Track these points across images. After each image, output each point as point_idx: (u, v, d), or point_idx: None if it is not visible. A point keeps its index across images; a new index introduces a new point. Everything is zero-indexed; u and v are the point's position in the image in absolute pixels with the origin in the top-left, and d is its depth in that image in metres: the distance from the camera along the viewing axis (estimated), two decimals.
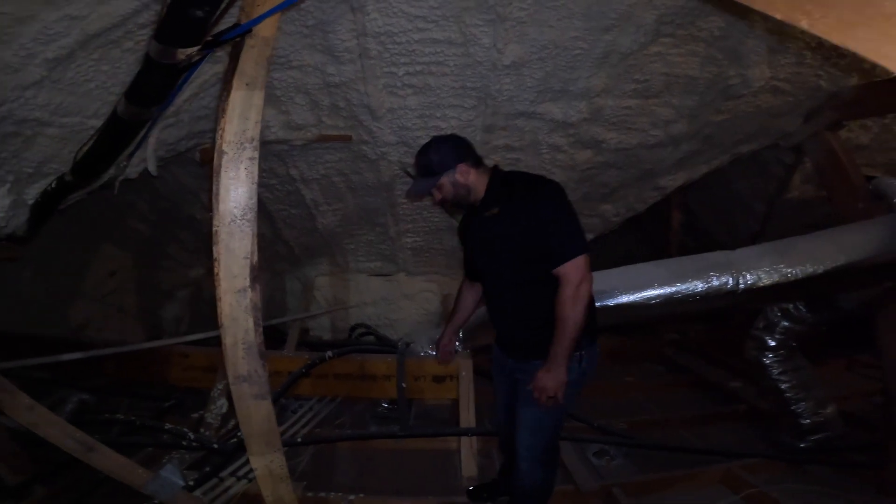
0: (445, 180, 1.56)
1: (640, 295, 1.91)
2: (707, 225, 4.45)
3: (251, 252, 1.13)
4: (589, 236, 3.78)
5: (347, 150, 2.84)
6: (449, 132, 2.73)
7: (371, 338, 3.26)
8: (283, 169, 2.99)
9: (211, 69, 2.12)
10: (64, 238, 3.54)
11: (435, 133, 2.75)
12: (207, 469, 2.05)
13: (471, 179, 1.56)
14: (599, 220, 3.62)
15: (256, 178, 1.17)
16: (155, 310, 4.15)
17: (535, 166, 3.04)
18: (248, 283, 1.13)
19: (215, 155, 1.16)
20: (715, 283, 1.89)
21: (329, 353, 2.47)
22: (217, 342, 2.66)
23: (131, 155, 2.18)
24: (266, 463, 1.36)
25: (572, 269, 1.42)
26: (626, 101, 2.61)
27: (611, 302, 1.94)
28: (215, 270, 1.12)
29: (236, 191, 1.14)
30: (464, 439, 2.39)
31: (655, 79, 2.47)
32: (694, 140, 2.99)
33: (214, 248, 1.12)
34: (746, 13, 2.09)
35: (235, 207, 1.14)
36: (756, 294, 1.94)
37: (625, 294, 1.92)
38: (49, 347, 2.63)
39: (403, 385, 2.37)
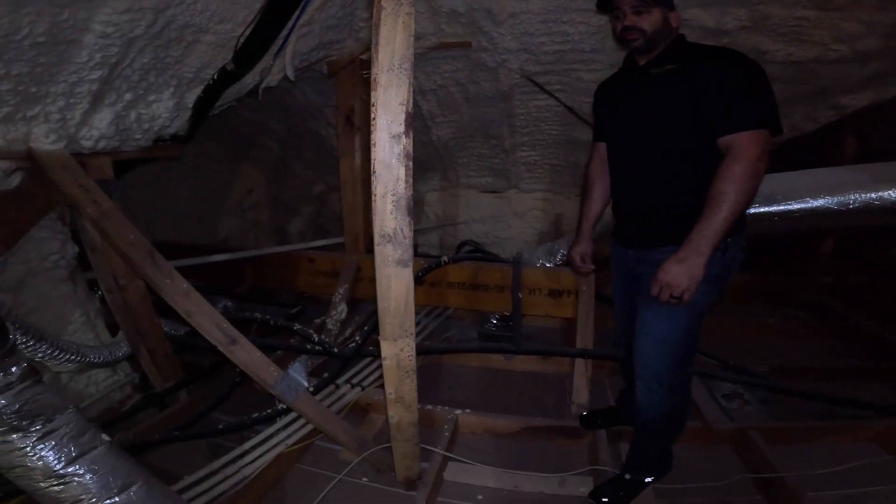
0: (658, 11, 1.31)
1: (833, 199, 1.55)
2: (888, 158, 3.62)
3: (407, 100, 1.11)
4: None
5: (466, 58, 2.76)
6: (577, 38, 2.53)
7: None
8: None
9: None
10: (212, 158, 3.98)
11: (560, 40, 2.54)
12: (326, 375, 2.13)
13: (674, 28, 1.34)
14: None
15: (413, 31, 1.13)
16: (283, 225, 4.52)
17: None
18: (402, 129, 1.11)
19: (374, 10, 1.13)
20: None
21: (445, 258, 2.47)
22: (339, 248, 2.85)
23: (276, 55, 2.30)
24: (396, 351, 1.27)
25: (751, 141, 1.14)
26: (800, 11, 2.25)
27: (790, 206, 1.62)
28: (372, 116, 1.11)
29: (394, 41, 1.12)
30: (578, 362, 2.21)
31: None
32: (888, 59, 2.51)
33: (373, 94, 1.11)
34: None
35: (393, 56, 1.12)
36: None
37: (810, 198, 1.58)
38: (202, 255, 2.88)
39: (519, 295, 2.28)
